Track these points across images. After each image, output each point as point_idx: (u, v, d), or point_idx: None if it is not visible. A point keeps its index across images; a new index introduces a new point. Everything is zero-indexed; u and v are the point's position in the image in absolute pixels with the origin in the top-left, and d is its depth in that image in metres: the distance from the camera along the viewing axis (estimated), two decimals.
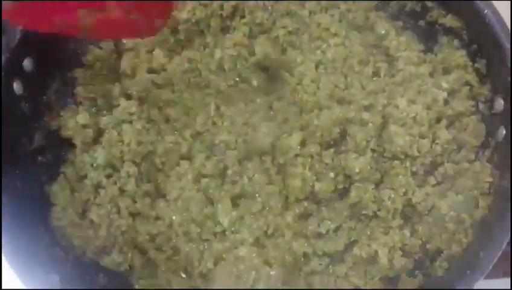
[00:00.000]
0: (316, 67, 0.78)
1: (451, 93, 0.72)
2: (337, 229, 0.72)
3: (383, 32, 0.80)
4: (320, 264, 0.70)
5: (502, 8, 0.72)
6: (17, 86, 0.70)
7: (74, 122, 0.76)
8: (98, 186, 0.73)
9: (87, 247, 0.71)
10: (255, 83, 0.80)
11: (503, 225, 0.57)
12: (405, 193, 0.69)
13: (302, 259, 0.70)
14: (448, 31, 0.76)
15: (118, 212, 0.72)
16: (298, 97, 0.76)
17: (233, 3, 0.82)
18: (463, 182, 0.67)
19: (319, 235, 0.71)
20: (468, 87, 0.72)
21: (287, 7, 0.85)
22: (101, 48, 0.83)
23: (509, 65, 0.65)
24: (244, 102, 0.79)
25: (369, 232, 0.69)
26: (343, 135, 0.74)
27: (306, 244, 0.70)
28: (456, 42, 0.75)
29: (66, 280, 0.64)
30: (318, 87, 0.76)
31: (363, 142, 0.71)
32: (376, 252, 0.67)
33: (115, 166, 0.73)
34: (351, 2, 0.84)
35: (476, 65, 0.72)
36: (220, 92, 0.78)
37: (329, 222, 0.71)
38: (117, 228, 0.70)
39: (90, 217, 0.72)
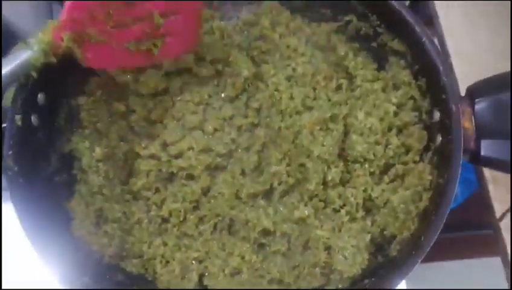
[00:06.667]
0: (288, 80, 0.90)
1: (400, 106, 0.85)
2: None
3: (342, 53, 0.91)
4: None
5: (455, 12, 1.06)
6: (34, 119, 0.79)
7: (83, 145, 0.87)
8: None
9: (104, 252, 0.83)
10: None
11: (438, 214, 0.71)
12: (365, 190, 0.83)
13: None
14: (396, 53, 0.86)
15: None
16: (277, 100, 0.88)
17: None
18: (410, 179, 0.80)
19: None
20: (413, 100, 0.84)
21: (260, 31, 0.95)
22: (99, 76, 0.93)
23: (441, 84, 0.76)
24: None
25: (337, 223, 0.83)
26: None
27: None
28: (402, 62, 0.86)
29: (93, 280, 0.76)
30: (292, 96, 0.88)
31: (330, 148, 0.86)
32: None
33: None
34: (315, 25, 0.95)
35: (418, 82, 0.83)
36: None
37: None
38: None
39: (104, 228, 0.84)
